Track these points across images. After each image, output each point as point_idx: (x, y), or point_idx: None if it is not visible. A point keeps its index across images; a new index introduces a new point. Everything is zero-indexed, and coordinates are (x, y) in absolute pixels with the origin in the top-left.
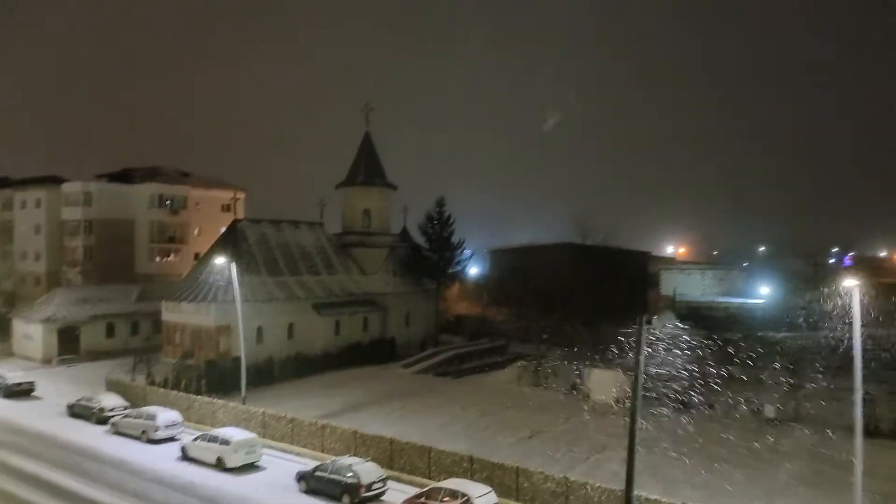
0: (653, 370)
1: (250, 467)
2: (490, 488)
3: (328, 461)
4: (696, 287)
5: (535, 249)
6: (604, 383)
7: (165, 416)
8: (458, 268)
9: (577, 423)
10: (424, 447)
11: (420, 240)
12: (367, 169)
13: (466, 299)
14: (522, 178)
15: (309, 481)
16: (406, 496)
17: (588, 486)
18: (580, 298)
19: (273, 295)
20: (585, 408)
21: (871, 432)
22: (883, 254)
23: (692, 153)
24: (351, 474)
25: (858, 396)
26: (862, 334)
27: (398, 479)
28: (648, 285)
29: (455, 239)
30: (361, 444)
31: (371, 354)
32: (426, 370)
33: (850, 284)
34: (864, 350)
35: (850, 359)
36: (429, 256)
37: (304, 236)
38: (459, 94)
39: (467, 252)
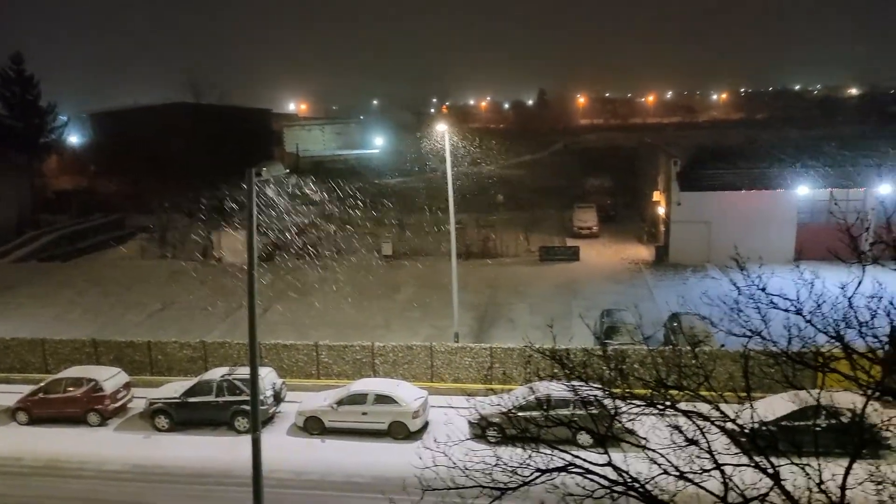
0: (278, 225)
1: None
2: (119, 369)
3: None
4: (318, 143)
5: (145, 111)
6: (233, 244)
7: None
8: (53, 137)
9: (211, 287)
10: (35, 340)
11: None
12: None
13: (70, 172)
14: (120, 28)
15: None
16: (20, 396)
17: (227, 345)
18: (201, 161)
19: None
20: (218, 270)
21: (463, 255)
22: (472, 102)
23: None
24: None
25: (452, 227)
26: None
27: (7, 381)
28: (272, 144)
29: (43, 103)
30: None
31: None
32: (27, 257)
33: (442, 129)
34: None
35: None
36: (12, 125)
37: None
38: None
39: (62, 118)
